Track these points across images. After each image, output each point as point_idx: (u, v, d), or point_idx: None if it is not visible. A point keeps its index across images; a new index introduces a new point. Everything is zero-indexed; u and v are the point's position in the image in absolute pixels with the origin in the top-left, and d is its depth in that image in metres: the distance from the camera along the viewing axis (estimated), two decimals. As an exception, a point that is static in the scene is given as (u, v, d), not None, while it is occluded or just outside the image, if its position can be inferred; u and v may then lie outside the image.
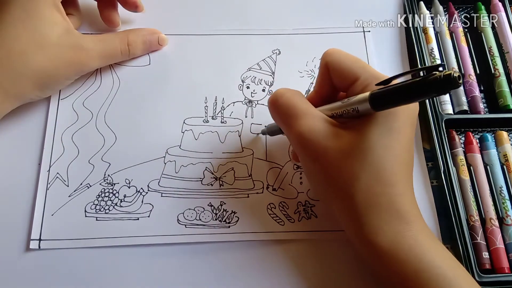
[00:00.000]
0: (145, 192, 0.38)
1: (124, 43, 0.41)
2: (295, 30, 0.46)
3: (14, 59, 0.36)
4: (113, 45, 0.40)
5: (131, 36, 0.41)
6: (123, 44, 0.41)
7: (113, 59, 0.42)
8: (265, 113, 0.42)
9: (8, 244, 0.36)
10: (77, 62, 0.38)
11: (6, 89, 0.36)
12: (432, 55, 0.44)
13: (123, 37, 0.41)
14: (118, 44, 0.41)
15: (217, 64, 0.44)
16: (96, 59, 0.39)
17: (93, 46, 0.39)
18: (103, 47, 0.40)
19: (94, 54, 0.39)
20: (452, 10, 0.47)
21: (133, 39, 0.41)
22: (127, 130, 0.40)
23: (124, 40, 0.41)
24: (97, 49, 0.39)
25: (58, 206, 0.37)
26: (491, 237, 0.37)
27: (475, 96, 0.43)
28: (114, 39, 0.41)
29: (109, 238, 0.36)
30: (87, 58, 0.39)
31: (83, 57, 0.38)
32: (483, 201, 0.39)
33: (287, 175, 0.40)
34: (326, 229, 0.37)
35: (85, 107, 0.41)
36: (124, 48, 0.41)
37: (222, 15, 0.46)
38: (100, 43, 0.40)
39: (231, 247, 0.37)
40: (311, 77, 0.44)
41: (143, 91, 0.42)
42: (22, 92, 0.37)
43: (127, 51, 0.41)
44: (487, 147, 0.41)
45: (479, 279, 0.35)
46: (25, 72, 0.36)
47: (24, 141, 0.40)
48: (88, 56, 0.39)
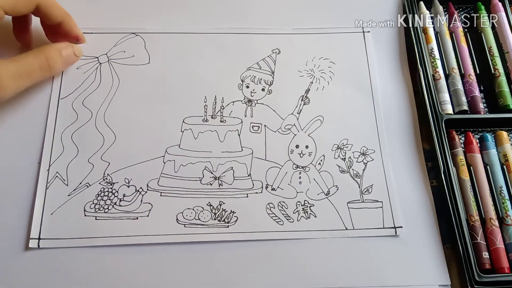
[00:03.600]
0: (144, 192, 0.38)
1: (41, 59, 0.38)
2: (295, 29, 0.46)
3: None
4: (29, 61, 0.37)
5: (47, 51, 0.39)
6: (41, 59, 0.38)
7: (32, 77, 0.38)
8: (265, 113, 0.42)
9: (7, 243, 0.36)
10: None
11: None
12: (432, 55, 0.44)
13: (39, 52, 0.38)
14: (34, 60, 0.38)
15: (217, 63, 0.44)
16: (10, 81, 0.36)
17: (4, 67, 0.35)
18: (18, 67, 0.36)
19: (5, 76, 0.35)
20: (452, 10, 0.47)
21: (50, 54, 0.39)
22: (126, 129, 0.40)
23: (41, 55, 0.38)
24: (9, 70, 0.36)
25: (57, 205, 0.37)
26: (491, 237, 0.37)
27: (475, 96, 0.43)
28: (28, 56, 0.38)
29: (108, 238, 0.36)
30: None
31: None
32: (483, 201, 0.39)
33: (286, 175, 0.39)
34: (325, 228, 0.37)
35: (85, 106, 0.41)
36: (42, 63, 0.38)
37: (222, 14, 0.46)
38: (13, 63, 0.36)
39: (230, 247, 0.37)
40: (310, 77, 0.44)
41: (143, 90, 0.42)
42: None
43: (46, 66, 0.39)
44: (487, 147, 0.41)
45: (479, 279, 0.35)
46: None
47: (24, 140, 0.40)
48: (0, 78, 0.35)
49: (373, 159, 0.40)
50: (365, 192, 0.39)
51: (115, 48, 0.44)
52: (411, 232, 0.38)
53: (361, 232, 0.37)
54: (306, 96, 0.43)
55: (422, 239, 0.38)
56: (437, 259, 0.37)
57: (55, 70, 0.40)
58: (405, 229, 0.38)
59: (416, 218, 0.38)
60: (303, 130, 0.41)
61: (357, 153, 0.41)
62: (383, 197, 0.39)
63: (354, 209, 0.38)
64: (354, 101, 0.43)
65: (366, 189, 0.39)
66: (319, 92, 0.43)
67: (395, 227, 0.38)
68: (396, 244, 0.37)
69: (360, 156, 0.40)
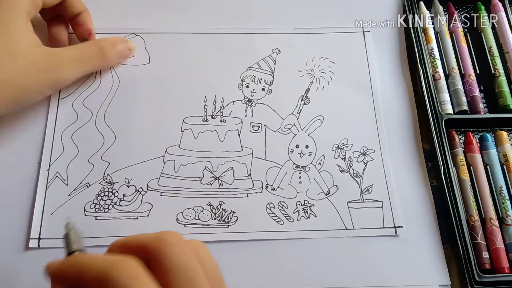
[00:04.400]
0: (145, 191, 0.38)
1: (96, 46, 0.40)
2: (295, 29, 0.46)
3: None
4: (85, 47, 0.40)
5: (101, 42, 0.41)
6: (95, 47, 0.40)
7: (89, 64, 0.40)
8: (265, 112, 0.42)
9: (7, 243, 0.36)
10: (49, 70, 0.36)
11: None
12: (432, 55, 0.44)
13: (92, 42, 0.42)
14: (89, 48, 0.40)
15: (217, 63, 0.44)
16: (69, 64, 0.38)
17: (64, 52, 0.38)
18: (75, 51, 0.39)
19: (66, 60, 0.38)
20: (452, 10, 0.47)
21: (104, 44, 0.41)
22: (126, 129, 0.40)
23: (96, 44, 0.41)
24: (69, 54, 0.38)
25: (57, 205, 0.37)
26: (491, 237, 0.37)
27: (475, 96, 0.43)
28: (85, 44, 0.41)
29: (108, 237, 0.36)
30: (59, 64, 0.37)
31: (54, 63, 0.37)
32: (483, 201, 0.39)
33: (286, 175, 0.39)
34: (325, 228, 0.37)
35: (85, 106, 0.41)
36: (97, 50, 0.40)
37: (222, 14, 0.46)
38: (71, 49, 0.39)
39: (230, 247, 0.37)
40: (310, 76, 0.44)
41: (143, 90, 0.42)
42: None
43: (100, 55, 0.40)
44: (487, 147, 0.41)
45: (479, 279, 0.35)
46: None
47: (24, 140, 0.40)
48: (60, 62, 0.37)
49: (373, 159, 0.40)
50: (365, 192, 0.39)
51: (115, 48, 0.44)
52: (411, 232, 0.38)
53: (361, 232, 0.37)
54: (306, 96, 0.43)
55: (422, 239, 0.38)
56: (437, 259, 0.37)
57: (108, 59, 0.42)
58: (405, 229, 0.38)
59: (416, 218, 0.38)
60: (303, 130, 0.41)
61: (357, 153, 0.41)
62: (383, 197, 0.39)
63: (354, 209, 0.38)
64: (354, 101, 0.43)
65: (366, 189, 0.39)
66: (319, 92, 0.43)
67: (395, 227, 0.38)
68: (396, 244, 0.37)
69: (360, 156, 0.40)
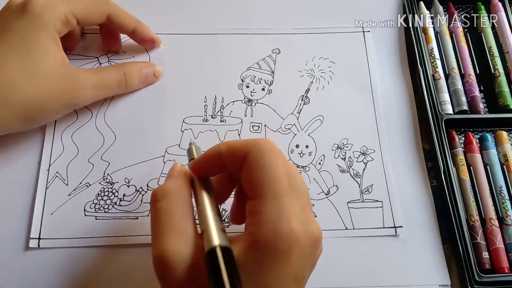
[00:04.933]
0: (145, 191, 0.38)
1: (120, 74, 0.40)
2: (295, 29, 0.46)
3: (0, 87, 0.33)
4: (109, 74, 0.39)
5: (127, 68, 0.40)
6: (119, 74, 0.40)
7: (109, 90, 0.40)
8: (265, 112, 0.42)
9: (7, 243, 0.36)
10: (67, 93, 0.36)
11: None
12: (432, 55, 0.44)
13: (119, 67, 0.40)
14: (113, 74, 0.39)
15: (217, 63, 0.44)
16: (89, 89, 0.37)
17: (87, 76, 0.37)
18: (98, 77, 0.38)
19: (87, 85, 0.37)
20: (452, 10, 0.47)
21: (129, 71, 0.40)
22: (126, 129, 0.40)
23: (120, 70, 0.40)
24: (91, 79, 0.38)
25: (57, 205, 0.37)
26: (491, 237, 0.37)
27: (475, 96, 0.43)
28: (109, 69, 0.40)
29: (108, 237, 0.36)
30: (78, 88, 0.37)
31: (74, 87, 0.36)
32: (483, 201, 0.39)
33: (287, 175, 0.39)
34: (325, 228, 0.37)
35: (85, 106, 0.41)
36: (120, 78, 0.40)
37: (222, 14, 0.46)
38: (94, 73, 0.38)
39: (230, 247, 0.37)
40: (310, 76, 0.44)
41: (143, 90, 0.42)
42: (1, 123, 0.34)
43: (123, 82, 0.40)
44: (487, 147, 0.41)
45: (479, 279, 0.35)
46: (9, 101, 0.34)
47: (24, 140, 0.40)
48: (80, 86, 0.37)
49: (373, 159, 0.40)
50: (365, 192, 0.39)
51: (115, 48, 0.44)
52: (411, 232, 0.38)
53: (361, 232, 0.38)
54: (306, 96, 0.43)
55: (422, 239, 0.38)
56: (437, 259, 0.37)
57: (131, 87, 0.41)
58: (405, 229, 0.38)
59: (416, 218, 0.38)
60: (303, 129, 0.41)
61: (357, 152, 0.41)
62: (383, 197, 0.39)
63: (354, 209, 0.38)
64: (354, 101, 0.43)
65: (366, 188, 0.39)
66: (319, 92, 0.43)
67: (395, 226, 0.38)
68: (396, 244, 0.37)
69: (360, 155, 0.40)
